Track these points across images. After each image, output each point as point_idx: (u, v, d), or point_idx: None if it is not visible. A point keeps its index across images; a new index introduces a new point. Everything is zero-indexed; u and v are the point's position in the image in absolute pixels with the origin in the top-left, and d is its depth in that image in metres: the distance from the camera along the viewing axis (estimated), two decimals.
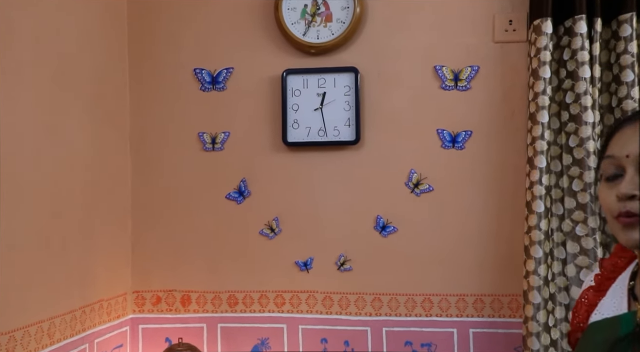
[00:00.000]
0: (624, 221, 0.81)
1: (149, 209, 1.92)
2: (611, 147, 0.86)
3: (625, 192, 0.80)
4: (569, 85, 1.65)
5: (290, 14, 1.84)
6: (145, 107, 1.93)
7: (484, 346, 1.77)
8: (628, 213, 0.80)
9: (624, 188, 0.80)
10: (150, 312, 1.90)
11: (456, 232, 1.80)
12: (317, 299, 1.85)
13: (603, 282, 0.96)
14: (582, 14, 1.60)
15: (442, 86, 1.81)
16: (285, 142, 1.84)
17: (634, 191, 0.79)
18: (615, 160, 0.83)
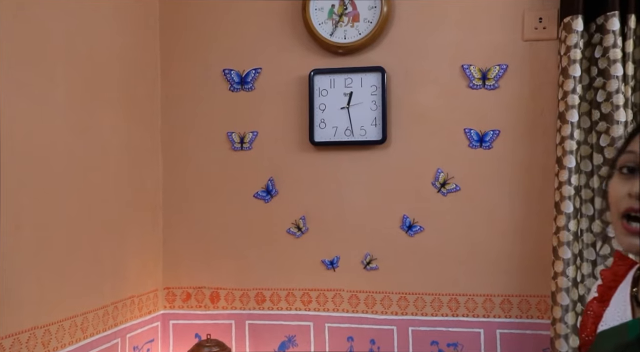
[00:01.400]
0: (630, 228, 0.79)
1: (179, 207, 1.96)
2: (634, 143, 0.84)
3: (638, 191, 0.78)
4: (600, 83, 1.62)
5: (318, 14, 1.85)
6: (175, 107, 1.97)
7: (511, 346, 1.76)
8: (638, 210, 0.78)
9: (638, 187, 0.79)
10: (180, 308, 1.95)
11: (483, 232, 1.78)
12: (343, 298, 1.86)
13: (605, 292, 0.95)
14: (614, 11, 1.57)
15: (470, 85, 1.79)
16: (312, 142, 1.85)
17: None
18: (636, 156, 0.81)
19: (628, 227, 0.80)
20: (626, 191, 0.81)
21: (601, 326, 0.92)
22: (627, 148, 0.84)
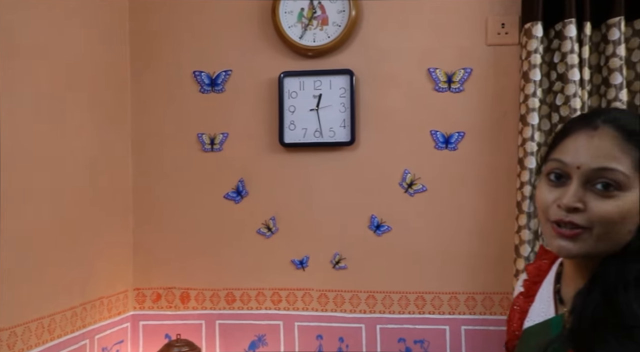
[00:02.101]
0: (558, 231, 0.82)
1: (150, 208, 1.97)
2: (562, 150, 0.85)
3: (567, 204, 0.80)
4: (559, 87, 1.68)
5: (287, 17, 1.88)
6: (145, 108, 1.97)
7: (475, 342, 1.81)
8: (570, 223, 0.80)
9: (567, 199, 0.81)
10: (151, 308, 1.95)
11: (449, 231, 1.83)
12: (313, 297, 1.89)
13: (531, 287, 0.98)
14: (571, 18, 1.63)
15: (436, 88, 1.84)
16: (281, 143, 1.88)
17: (577, 203, 0.80)
18: (565, 166, 0.83)
19: (558, 230, 0.82)
20: (553, 198, 0.83)
21: (527, 321, 0.94)
22: (553, 155, 0.86)
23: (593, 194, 0.80)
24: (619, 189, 0.79)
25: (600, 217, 0.79)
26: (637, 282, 0.77)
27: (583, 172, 0.81)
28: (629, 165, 0.79)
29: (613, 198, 0.79)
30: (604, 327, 0.76)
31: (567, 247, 0.81)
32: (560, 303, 0.91)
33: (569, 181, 0.82)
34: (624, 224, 0.79)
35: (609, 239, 0.80)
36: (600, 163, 0.79)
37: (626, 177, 0.78)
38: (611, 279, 0.79)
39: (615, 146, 0.80)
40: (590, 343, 0.76)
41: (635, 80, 1.64)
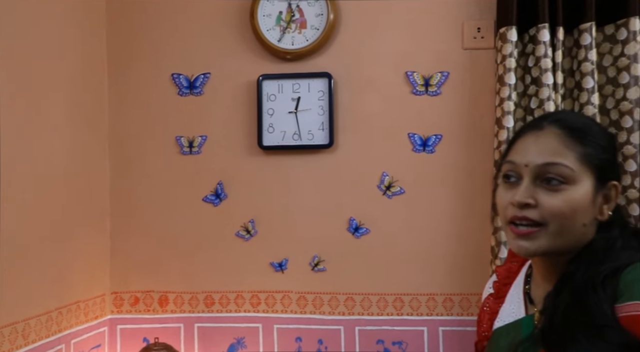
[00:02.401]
0: (516, 231, 0.84)
1: (128, 211, 1.96)
2: (513, 152, 0.89)
3: (519, 200, 0.83)
4: (533, 91, 1.71)
5: (266, 20, 1.88)
6: (123, 111, 1.96)
7: (452, 343, 1.82)
8: (524, 218, 0.83)
9: (518, 196, 0.84)
10: (129, 312, 1.94)
11: (426, 233, 1.85)
12: (292, 299, 1.89)
13: (500, 288, 1.00)
14: (544, 23, 1.65)
15: (413, 91, 1.86)
16: (260, 146, 1.88)
17: (528, 199, 0.83)
18: (515, 166, 0.87)
19: (515, 230, 0.85)
20: (508, 199, 0.86)
21: (497, 322, 0.96)
22: (507, 157, 0.90)
23: (543, 190, 0.83)
24: (566, 182, 0.83)
25: (551, 211, 0.82)
26: (604, 283, 0.79)
27: (531, 169, 0.85)
28: (573, 160, 0.83)
29: (561, 192, 0.83)
30: (574, 327, 0.78)
31: (525, 246, 0.84)
32: (531, 303, 0.93)
33: (521, 180, 0.86)
34: (576, 217, 0.83)
35: (565, 233, 0.83)
36: (545, 159, 0.84)
37: (571, 170, 0.83)
38: (580, 281, 0.81)
39: (559, 143, 0.84)
40: (562, 343, 0.78)
41: (606, 84, 1.67)
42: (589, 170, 0.84)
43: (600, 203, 0.85)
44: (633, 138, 1.60)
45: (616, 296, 0.78)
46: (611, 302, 0.77)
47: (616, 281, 0.79)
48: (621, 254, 0.83)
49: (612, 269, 0.80)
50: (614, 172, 0.88)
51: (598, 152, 0.85)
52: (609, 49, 1.66)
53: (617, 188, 0.87)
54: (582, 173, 0.83)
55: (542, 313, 0.85)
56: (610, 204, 0.86)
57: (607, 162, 0.86)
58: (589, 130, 0.86)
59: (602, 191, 0.85)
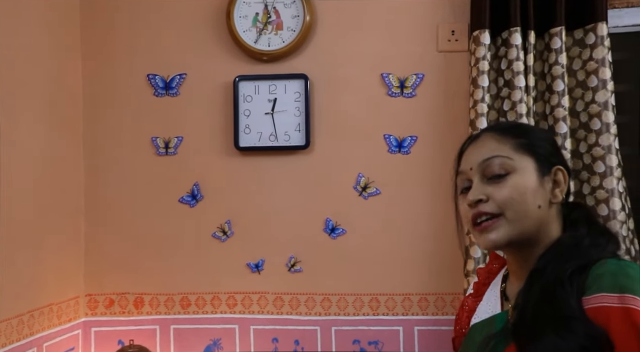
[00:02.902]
0: (478, 228, 0.90)
1: (103, 212, 1.94)
2: (460, 165, 0.97)
3: (471, 199, 0.90)
4: (506, 93, 1.74)
5: (242, 21, 1.88)
6: (98, 112, 1.95)
7: (428, 342, 1.84)
8: (480, 213, 0.89)
9: (471, 195, 0.90)
10: (103, 315, 1.92)
11: (402, 234, 1.86)
12: (268, 300, 1.90)
13: (480, 288, 1.04)
14: (516, 27, 1.68)
15: (389, 93, 1.87)
16: (237, 147, 1.88)
17: (479, 195, 0.89)
18: (464, 174, 0.95)
19: (478, 228, 0.90)
20: (467, 202, 0.92)
21: (474, 319, 1.00)
22: (459, 169, 0.97)
23: (491, 185, 0.90)
24: (508, 172, 0.89)
25: (502, 200, 0.88)
26: (571, 279, 0.82)
27: (476, 170, 0.92)
28: (509, 150, 0.91)
29: (506, 181, 0.89)
30: (543, 321, 0.80)
31: (491, 238, 0.89)
32: (506, 301, 0.96)
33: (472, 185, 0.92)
34: (527, 200, 0.88)
35: (523, 218, 0.88)
36: (484, 156, 0.91)
37: (510, 159, 0.90)
38: (549, 277, 0.84)
39: (493, 141, 0.93)
40: (531, 336, 0.80)
41: (576, 87, 1.71)
42: (528, 156, 0.90)
43: (550, 187, 0.91)
44: (602, 140, 1.63)
45: (584, 290, 0.81)
46: (579, 296, 0.80)
47: (585, 276, 0.82)
48: (590, 251, 0.86)
49: (580, 266, 0.83)
50: (557, 159, 0.94)
51: (534, 141, 0.92)
52: (579, 53, 1.70)
53: (564, 172, 0.93)
54: (521, 160, 0.90)
55: (515, 309, 0.88)
56: (561, 188, 0.92)
57: (545, 149, 0.92)
58: (519, 127, 0.96)
59: (549, 176, 0.91)
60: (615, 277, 0.79)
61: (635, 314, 0.75)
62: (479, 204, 0.89)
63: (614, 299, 0.77)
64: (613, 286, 0.78)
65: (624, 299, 0.76)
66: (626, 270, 0.80)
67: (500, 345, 0.86)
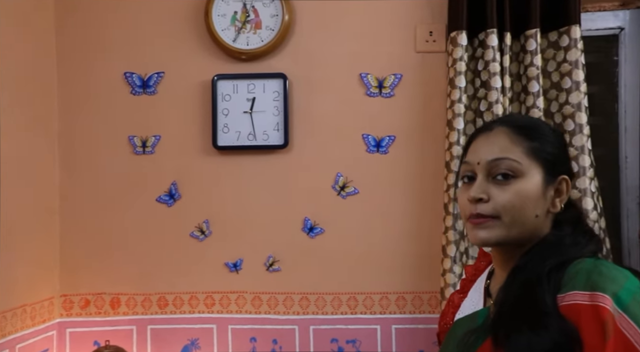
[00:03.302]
0: (473, 221, 0.89)
1: (78, 212, 1.92)
2: (467, 154, 0.95)
3: (473, 195, 0.88)
4: (483, 94, 1.75)
5: (220, 20, 1.87)
6: (74, 110, 1.92)
7: (405, 341, 1.86)
8: (478, 215, 0.88)
9: (472, 192, 0.89)
10: (79, 315, 1.90)
11: (380, 233, 1.87)
12: (246, 299, 1.89)
13: (466, 285, 1.05)
14: (493, 28, 1.70)
15: (367, 93, 1.88)
16: (215, 146, 1.87)
17: (481, 194, 0.88)
18: (469, 165, 0.92)
19: (472, 221, 0.89)
20: (467, 196, 0.91)
21: (458, 314, 1.01)
22: (464, 159, 0.95)
23: (495, 185, 0.88)
24: (515, 176, 0.88)
25: (502, 205, 0.87)
26: (549, 276, 0.83)
27: (483, 166, 0.90)
28: (520, 154, 0.88)
29: (511, 185, 0.87)
30: (520, 317, 0.82)
31: (482, 235, 0.88)
32: (489, 296, 0.97)
33: (476, 178, 0.91)
34: (527, 208, 0.87)
35: (519, 224, 0.87)
36: (494, 155, 0.89)
37: (519, 163, 0.88)
38: (528, 274, 0.85)
39: (507, 140, 0.90)
40: (507, 331, 0.81)
41: (550, 88, 1.73)
42: (537, 163, 0.88)
43: (552, 196, 0.89)
44: (575, 141, 1.66)
45: (559, 287, 0.82)
46: (554, 293, 0.81)
47: (561, 274, 0.83)
48: (569, 249, 0.87)
49: (557, 263, 0.84)
50: (564, 166, 0.92)
51: (545, 147, 0.90)
52: (553, 55, 1.72)
53: (567, 182, 0.91)
54: (530, 166, 0.88)
55: (496, 304, 0.89)
56: (562, 198, 0.91)
57: (556, 156, 0.91)
58: (535, 127, 0.92)
59: (553, 185, 0.90)
60: (589, 275, 0.80)
61: (602, 312, 0.76)
62: (478, 202, 0.88)
63: (585, 296, 0.78)
64: (585, 284, 0.79)
65: (594, 297, 0.77)
66: (599, 268, 0.81)
67: (480, 340, 0.87)
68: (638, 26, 1.79)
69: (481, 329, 0.88)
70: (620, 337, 0.75)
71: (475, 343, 0.87)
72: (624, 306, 0.76)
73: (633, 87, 1.81)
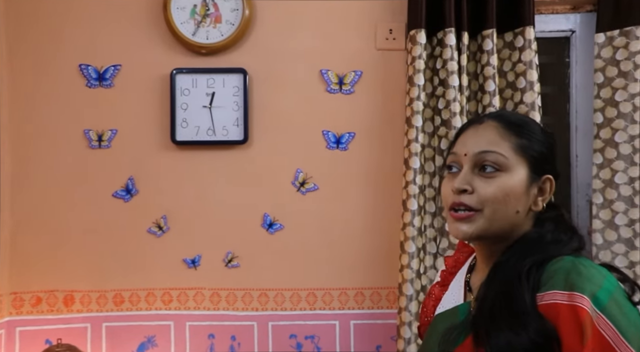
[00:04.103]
0: (454, 215, 0.90)
1: (31, 207, 1.86)
2: (455, 145, 0.95)
3: (457, 186, 0.89)
4: (441, 92, 1.78)
5: (179, 13, 1.85)
6: (26, 103, 1.86)
7: (363, 336, 1.87)
8: (461, 204, 0.89)
9: (457, 183, 0.90)
10: (29, 313, 1.84)
11: (339, 229, 1.88)
12: (205, 296, 1.87)
13: (447, 277, 1.05)
14: (451, 27, 1.73)
15: (327, 89, 1.89)
16: (173, 141, 1.85)
17: (465, 185, 0.89)
18: (456, 156, 0.93)
19: (454, 215, 0.90)
20: (450, 187, 0.91)
21: (439, 308, 1.01)
22: (452, 149, 0.96)
23: (480, 177, 0.89)
24: (500, 170, 0.88)
25: (485, 197, 0.88)
26: (529, 273, 0.84)
27: (469, 158, 0.90)
28: (507, 149, 0.89)
29: (495, 179, 0.88)
30: (499, 314, 0.83)
31: (463, 229, 0.89)
32: (469, 291, 0.98)
33: (462, 169, 0.91)
34: (509, 203, 0.88)
35: (499, 218, 0.88)
36: (481, 147, 0.90)
37: (505, 158, 0.88)
38: (509, 271, 0.86)
39: (495, 134, 0.91)
40: (487, 328, 0.82)
41: (506, 88, 1.78)
42: (523, 160, 0.89)
43: (535, 195, 0.90)
44: None
45: (539, 286, 0.83)
46: (534, 292, 0.82)
47: (541, 272, 0.84)
48: (549, 247, 0.88)
49: (537, 261, 0.85)
50: (550, 166, 0.93)
51: (533, 145, 0.90)
52: (508, 55, 1.76)
53: (552, 182, 0.92)
54: (516, 162, 0.89)
55: (477, 300, 0.90)
56: (545, 197, 0.92)
57: (543, 155, 0.91)
58: (525, 125, 0.92)
59: (537, 183, 0.90)
60: (568, 274, 0.81)
61: (580, 312, 0.77)
62: (462, 193, 0.89)
63: (564, 296, 0.79)
64: (564, 284, 0.80)
65: (572, 297, 0.79)
66: (578, 268, 0.82)
67: (461, 336, 0.88)
68: (588, 29, 1.85)
69: (462, 326, 0.89)
70: (598, 338, 0.76)
71: (457, 340, 0.88)
72: (601, 306, 0.77)
73: (583, 88, 1.87)
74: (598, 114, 1.76)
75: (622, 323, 0.77)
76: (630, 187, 1.71)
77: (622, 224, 1.72)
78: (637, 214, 1.70)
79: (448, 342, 0.88)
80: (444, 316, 0.98)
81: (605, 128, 1.74)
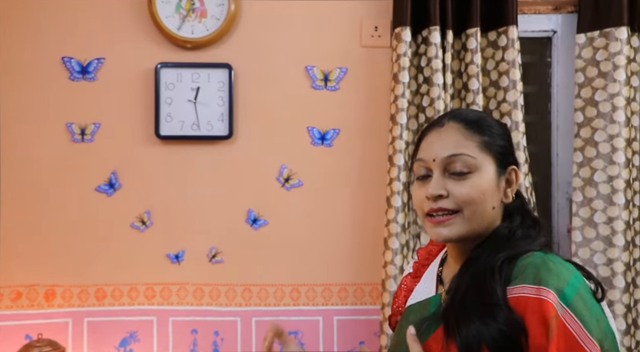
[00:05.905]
0: (432, 220, 0.91)
1: (11, 201, 1.84)
2: (420, 151, 0.96)
3: (432, 193, 0.90)
4: (425, 89, 1.80)
5: (164, 7, 1.83)
6: (8, 95, 1.84)
7: (346, 332, 1.88)
8: (439, 209, 0.90)
9: (431, 189, 0.91)
10: (9, 308, 1.82)
11: (323, 225, 1.89)
12: (188, 291, 1.87)
13: (419, 269, 1.07)
14: (435, 25, 1.74)
15: (313, 85, 1.89)
16: (157, 135, 1.84)
17: (440, 190, 0.90)
18: (424, 162, 0.94)
19: (432, 220, 0.92)
20: (423, 193, 0.92)
21: (410, 299, 1.03)
22: (417, 156, 0.96)
23: (452, 180, 0.91)
24: (471, 171, 0.90)
25: (462, 199, 0.89)
26: (501, 268, 0.87)
27: (438, 163, 0.92)
28: (474, 148, 0.91)
29: (468, 180, 0.90)
30: (470, 307, 0.85)
31: (443, 233, 0.91)
32: (441, 284, 0.99)
33: (432, 175, 0.93)
34: (486, 201, 0.90)
35: (478, 217, 0.90)
36: (449, 151, 0.91)
37: (474, 158, 0.90)
38: (481, 265, 0.89)
39: (459, 135, 0.92)
40: (458, 320, 0.85)
41: (490, 86, 1.80)
42: (489, 156, 0.91)
43: (504, 187, 0.93)
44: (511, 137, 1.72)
45: (509, 280, 0.85)
46: (504, 285, 0.85)
47: (512, 267, 0.87)
48: (520, 242, 0.91)
49: (509, 256, 0.88)
50: (512, 157, 0.96)
51: (495, 140, 0.93)
52: (492, 54, 1.79)
53: (516, 172, 0.95)
54: (483, 160, 0.91)
55: (448, 293, 0.92)
56: (512, 187, 0.94)
57: (504, 148, 0.94)
58: (484, 122, 0.94)
59: (504, 175, 0.93)
60: (537, 270, 0.84)
61: (545, 305, 0.80)
62: (438, 199, 0.90)
63: (532, 290, 0.82)
64: (533, 278, 0.83)
65: (539, 291, 0.81)
66: (548, 264, 0.85)
67: (432, 328, 0.90)
68: (569, 29, 1.88)
69: (433, 317, 0.91)
70: (564, 332, 0.79)
71: (428, 331, 0.90)
72: (568, 301, 0.80)
73: (564, 88, 1.90)
74: (578, 113, 1.79)
75: (586, 318, 0.80)
76: (609, 185, 1.75)
77: (600, 222, 1.75)
78: (615, 212, 1.73)
79: (419, 333, 0.90)
80: (415, 308, 1.00)
81: (585, 127, 1.78)
